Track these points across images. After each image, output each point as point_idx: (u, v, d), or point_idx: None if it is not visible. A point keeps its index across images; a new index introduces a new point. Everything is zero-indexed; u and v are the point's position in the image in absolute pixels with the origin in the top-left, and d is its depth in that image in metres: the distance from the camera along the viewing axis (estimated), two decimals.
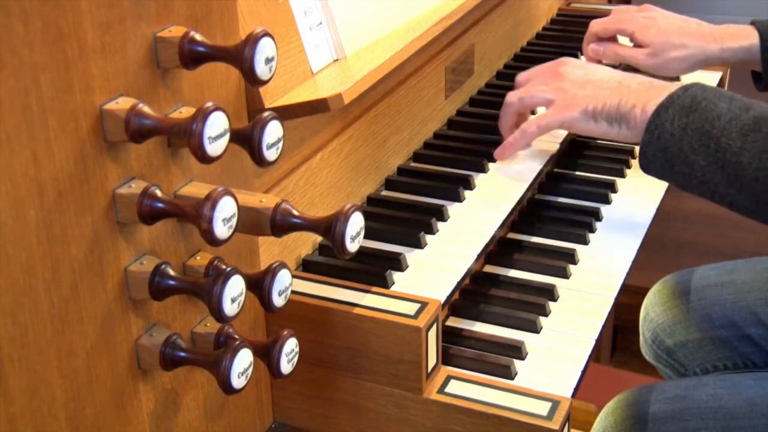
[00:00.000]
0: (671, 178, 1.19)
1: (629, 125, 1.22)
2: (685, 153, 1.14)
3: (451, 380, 1.00)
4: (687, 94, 1.17)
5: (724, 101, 1.14)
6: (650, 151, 1.17)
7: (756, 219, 1.15)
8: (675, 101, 1.17)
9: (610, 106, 1.23)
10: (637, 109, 1.20)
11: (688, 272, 1.62)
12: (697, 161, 1.13)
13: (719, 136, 1.11)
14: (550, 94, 1.30)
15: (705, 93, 1.16)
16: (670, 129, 1.15)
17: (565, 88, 1.29)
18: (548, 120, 1.28)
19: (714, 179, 1.13)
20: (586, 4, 1.98)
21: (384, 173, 1.32)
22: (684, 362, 1.55)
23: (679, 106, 1.16)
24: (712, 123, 1.12)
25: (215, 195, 0.75)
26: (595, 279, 1.22)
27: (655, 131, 1.16)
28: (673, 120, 1.15)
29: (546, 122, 1.29)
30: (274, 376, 0.85)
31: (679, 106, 1.16)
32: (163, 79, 0.81)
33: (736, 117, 1.12)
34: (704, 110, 1.14)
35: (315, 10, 1.09)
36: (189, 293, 0.80)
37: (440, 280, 1.11)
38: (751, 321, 1.49)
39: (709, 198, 1.16)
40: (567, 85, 1.29)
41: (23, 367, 0.71)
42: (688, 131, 1.14)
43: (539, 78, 1.35)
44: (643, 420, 1.28)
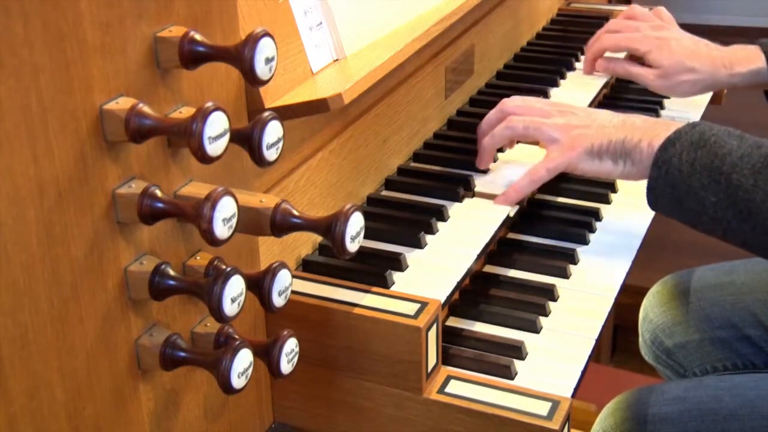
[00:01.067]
0: (681, 215, 1.15)
1: (634, 161, 1.19)
2: (694, 189, 1.11)
3: (451, 380, 1.00)
4: (695, 130, 1.14)
5: (734, 139, 1.12)
6: (658, 188, 1.15)
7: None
8: (682, 136, 1.14)
9: (615, 143, 1.20)
10: (644, 144, 1.18)
11: (687, 273, 1.62)
12: (707, 198, 1.10)
13: (730, 173, 1.09)
14: (556, 132, 1.25)
15: (713, 130, 1.14)
16: (678, 165, 1.12)
17: (570, 126, 1.25)
18: (556, 163, 1.24)
19: (726, 216, 1.10)
20: (586, 4, 1.98)
21: (384, 173, 1.32)
22: (683, 363, 1.55)
23: (687, 141, 1.13)
24: (722, 159, 1.10)
25: (215, 195, 0.75)
26: (595, 279, 1.22)
27: (662, 167, 1.14)
28: (681, 155, 1.12)
29: (554, 165, 1.25)
30: (274, 376, 0.85)
31: (687, 142, 1.13)
32: (163, 79, 0.81)
33: (748, 154, 1.09)
34: (713, 146, 1.11)
35: (315, 10, 1.09)
36: (189, 293, 0.80)
37: (440, 280, 1.11)
38: (751, 322, 1.50)
39: (721, 236, 1.13)
40: (572, 122, 1.26)
41: (23, 367, 0.71)
42: (696, 167, 1.11)
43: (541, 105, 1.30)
44: (643, 421, 1.28)
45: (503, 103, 1.32)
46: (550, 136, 1.26)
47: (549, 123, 1.26)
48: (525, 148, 1.41)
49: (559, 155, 1.24)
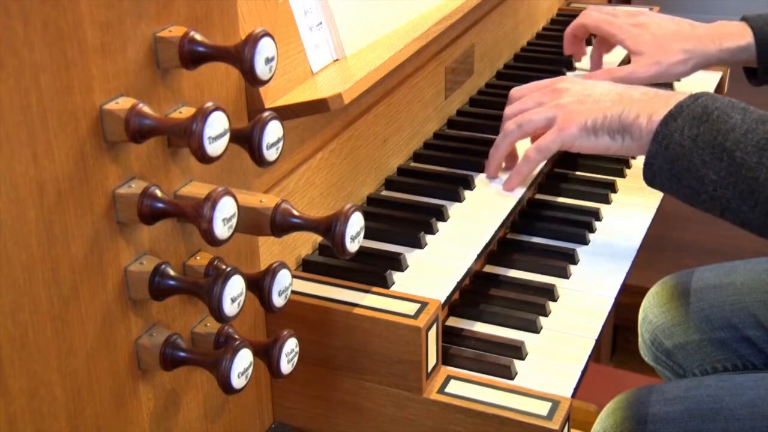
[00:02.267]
0: (678, 191, 1.13)
1: (633, 136, 1.16)
2: (695, 166, 1.08)
3: (451, 380, 1.00)
4: (697, 103, 1.11)
5: (738, 113, 1.09)
6: (657, 163, 1.12)
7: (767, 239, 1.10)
8: (684, 110, 1.11)
9: (611, 118, 1.17)
10: (642, 119, 1.15)
11: (687, 273, 1.62)
12: (708, 175, 1.07)
13: (733, 150, 1.05)
14: (549, 112, 1.23)
15: (716, 103, 1.10)
16: (679, 140, 1.09)
17: (563, 104, 1.22)
18: (546, 142, 1.22)
19: (726, 195, 1.07)
20: (586, 4, 1.98)
21: (384, 173, 1.32)
22: (683, 364, 1.55)
23: (689, 115, 1.10)
24: (725, 135, 1.07)
25: (215, 195, 0.75)
26: (595, 279, 1.22)
27: (662, 141, 1.10)
28: (683, 130, 1.09)
29: (545, 144, 1.22)
30: (274, 376, 0.85)
31: (690, 116, 1.10)
32: (163, 79, 0.81)
33: (752, 130, 1.06)
34: (716, 121, 1.08)
35: (315, 10, 1.09)
36: (189, 293, 0.80)
37: (440, 280, 1.11)
38: (750, 323, 1.49)
39: (719, 214, 1.11)
40: (565, 101, 1.23)
41: (23, 367, 0.71)
42: (698, 143, 1.08)
43: (536, 94, 1.28)
44: (643, 421, 1.28)
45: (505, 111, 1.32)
46: (546, 118, 1.23)
47: (539, 110, 1.24)
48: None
49: (551, 133, 1.22)
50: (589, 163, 1.48)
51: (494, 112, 1.50)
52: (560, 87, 1.26)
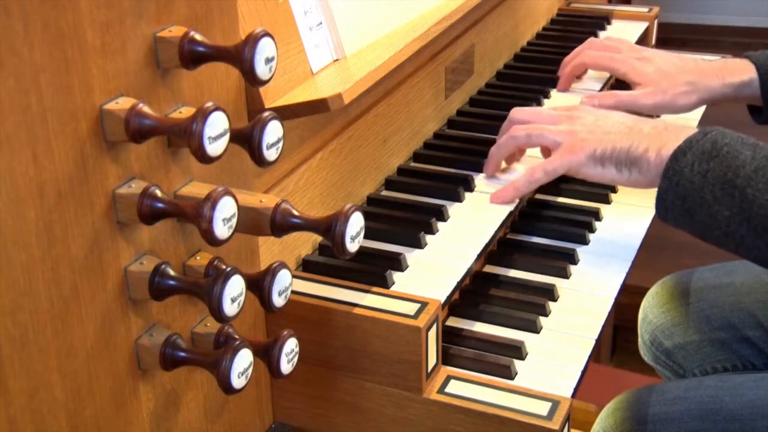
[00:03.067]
0: (691, 227, 1.12)
1: (641, 170, 1.16)
2: (707, 202, 1.07)
3: (451, 380, 1.00)
4: (707, 138, 1.10)
5: (748, 149, 1.08)
6: (668, 199, 1.11)
7: None
8: (694, 146, 1.10)
9: (619, 150, 1.17)
10: (651, 153, 1.14)
11: (686, 273, 1.62)
12: (720, 211, 1.07)
13: (744, 186, 1.05)
14: (558, 136, 1.23)
15: (726, 139, 1.10)
16: (689, 176, 1.09)
17: (574, 131, 1.22)
18: (555, 165, 1.22)
19: (740, 231, 1.06)
20: (586, 4, 1.98)
21: (384, 173, 1.32)
22: (683, 364, 1.55)
23: (698, 151, 1.09)
24: (736, 172, 1.06)
25: (215, 195, 0.75)
26: (595, 279, 1.22)
27: (673, 177, 1.10)
28: (693, 166, 1.09)
29: (553, 167, 1.22)
30: (274, 376, 0.85)
31: (699, 151, 1.09)
32: (163, 79, 0.81)
33: (763, 167, 1.06)
34: (726, 157, 1.07)
35: (315, 10, 1.09)
36: (189, 293, 0.80)
37: (440, 280, 1.11)
38: (750, 323, 1.49)
39: (734, 250, 1.10)
40: (576, 128, 1.23)
41: (23, 367, 0.71)
42: (709, 179, 1.07)
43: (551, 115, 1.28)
44: (643, 421, 1.28)
45: (512, 112, 1.31)
46: (554, 141, 1.24)
47: (552, 129, 1.24)
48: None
49: (560, 157, 1.22)
50: None
51: (494, 112, 1.50)
52: (572, 114, 1.26)
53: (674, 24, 3.92)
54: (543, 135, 1.25)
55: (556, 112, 1.28)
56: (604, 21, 1.86)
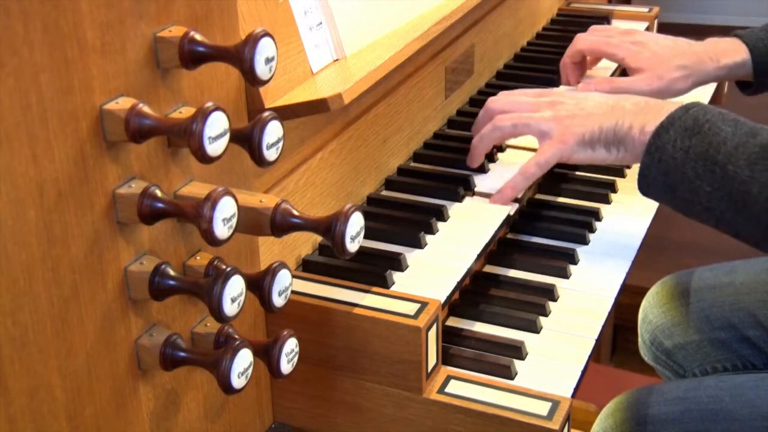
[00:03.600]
0: (673, 202, 1.14)
1: (627, 147, 1.17)
2: (688, 178, 1.09)
3: (451, 380, 1.00)
4: (689, 114, 1.12)
5: (729, 125, 1.09)
6: (650, 174, 1.13)
7: (763, 249, 1.10)
8: (676, 122, 1.12)
9: (606, 131, 1.19)
10: (635, 130, 1.16)
11: (687, 273, 1.62)
12: (701, 187, 1.08)
13: (725, 163, 1.06)
14: (544, 124, 1.23)
15: (707, 115, 1.11)
16: (671, 152, 1.10)
17: (559, 118, 1.23)
18: (546, 156, 1.22)
19: (720, 207, 1.08)
20: (586, 4, 1.98)
21: (384, 173, 1.32)
22: (683, 364, 1.55)
23: (680, 127, 1.11)
24: (717, 148, 1.07)
25: (215, 195, 0.75)
26: (595, 279, 1.22)
27: (655, 153, 1.11)
28: (675, 142, 1.10)
29: (545, 159, 1.23)
30: (274, 376, 0.85)
31: (681, 128, 1.11)
32: (163, 79, 0.81)
33: (743, 143, 1.07)
34: (707, 133, 1.09)
35: (315, 10, 1.09)
36: (189, 293, 0.80)
37: (440, 280, 1.11)
38: (750, 323, 1.49)
39: (714, 225, 1.12)
40: (561, 114, 1.23)
41: (23, 367, 0.71)
42: (691, 155, 1.09)
43: (529, 100, 1.28)
44: (643, 422, 1.28)
45: (489, 102, 1.31)
46: (540, 130, 1.24)
47: (537, 117, 1.24)
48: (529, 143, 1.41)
49: (549, 148, 1.22)
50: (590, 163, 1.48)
51: None
52: (554, 100, 1.26)
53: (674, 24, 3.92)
54: (529, 124, 1.25)
55: (534, 99, 1.28)
56: (604, 21, 1.86)
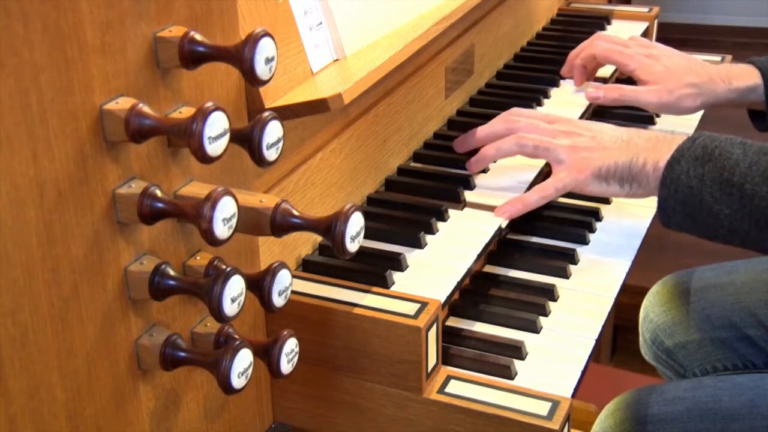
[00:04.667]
0: (696, 230, 1.17)
1: (641, 184, 1.21)
2: (707, 204, 1.12)
3: (451, 380, 1.00)
4: (696, 144, 1.15)
5: (738, 147, 1.13)
6: (669, 206, 1.16)
7: None
8: (685, 153, 1.15)
9: (621, 167, 1.22)
10: (649, 166, 1.19)
11: (688, 273, 1.62)
12: (721, 211, 1.11)
13: (742, 183, 1.09)
14: (562, 153, 1.26)
15: (715, 141, 1.14)
16: (686, 181, 1.13)
17: (576, 148, 1.26)
18: (564, 182, 1.25)
19: (743, 227, 1.11)
20: (586, 4, 1.98)
21: (384, 173, 1.32)
22: (684, 363, 1.55)
23: (691, 157, 1.14)
24: (731, 171, 1.11)
25: (215, 195, 0.75)
26: (595, 279, 1.22)
27: (671, 186, 1.15)
28: (688, 172, 1.13)
29: (563, 185, 1.26)
30: (274, 376, 0.85)
31: (692, 157, 1.14)
32: (163, 79, 0.81)
33: (756, 162, 1.10)
34: (719, 158, 1.12)
35: (315, 10, 1.09)
36: (189, 293, 0.80)
37: (440, 280, 1.11)
38: (751, 322, 1.49)
39: (740, 245, 1.14)
40: (578, 144, 1.26)
41: (23, 367, 0.71)
42: (706, 181, 1.12)
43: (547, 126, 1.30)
44: (643, 422, 1.28)
45: (511, 120, 1.32)
46: (558, 158, 1.27)
47: (556, 143, 1.27)
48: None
49: (568, 176, 1.25)
50: None
51: (494, 112, 1.50)
52: (571, 130, 1.28)
53: (674, 24, 3.91)
54: (548, 149, 1.27)
55: (552, 127, 1.29)
56: (604, 21, 1.86)
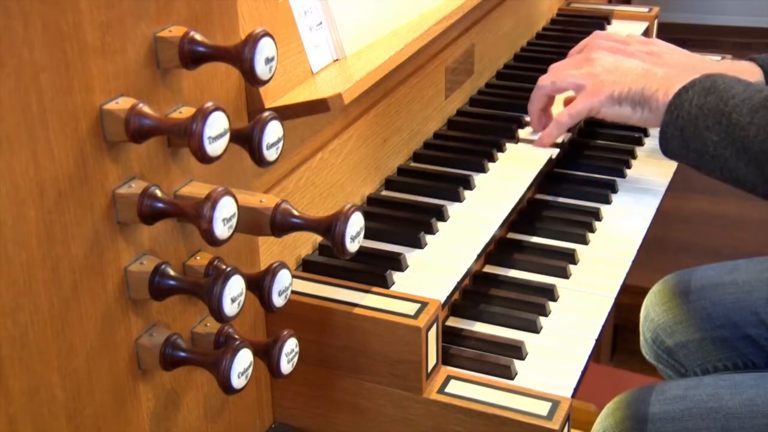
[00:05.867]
0: (687, 156, 1.24)
1: (651, 108, 1.27)
2: (700, 130, 1.20)
3: (451, 380, 1.00)
4: (709, 79, 1.23)
5: (743, 85, 1.20)
6: (669, 131, 1.23)
7: (758, 195, 1.20)
8: (696, 84, 1.22)
9: (635, 91, 1.29)
10: (660, 93, 1.26)
11: (689, 272, 1.62)
12: (710, 137, 1.19)
13: (731, 113, 1.17)
14: (580, 79, 1.35)
15: (725, 78, 1.22)
16: (688, 108, 1.21)
17: (594, 74, 1.34)
18: (578, 108, 1.34)
19: (724, 154, 1.18)
20: (586, 4, 1.98)
21: (384, 173, 1.32)
22: (684, 362, 1.55)
23: (699, 88, 1.22)
24: (726, 102, 1.18)
25: (215, 195, 0.75)
26: (595, 279, 1.22)
27: (674, 111, 1.22)
28: (692, 100, 1.21)
29: (576, 110, 1.35)
30: (274, 376, 0.85)
31: (700, 88, 1.21)
32: (163, 79, 0.81)
33: (749, 97, 1.17)
34: (721, 91, 1.19)
35: (315, 10, 1.09)
36: (189, 293, 0.80)
37: (440, 280, 1.11)
38: (752, 321, 1.49)
39: (719, 174, 1.21)
40: (596, 70, 1.35)
41: (23, 367, 0.71)
42: (704, 110, 1.19)
43: (570, 61, 1.41)
44: (643, 420, 1.28)
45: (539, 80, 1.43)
46: (576, 84, 1.36)
47: (573, 73, 1.36)
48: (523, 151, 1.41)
49: (582, 100, 1.33)
50: (589, 163, 1.48)
51: (494, 112, 1.50)
52: (593, 57, 1.38)
53: (674, 24, 3.91)
54: (565, 80, 1.38)
55: (575, 57, 1.42)
56: (604, 21, 1.86)
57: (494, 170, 1.35)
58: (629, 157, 1.50)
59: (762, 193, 1.19)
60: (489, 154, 1.37)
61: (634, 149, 1.52)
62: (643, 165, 1.49)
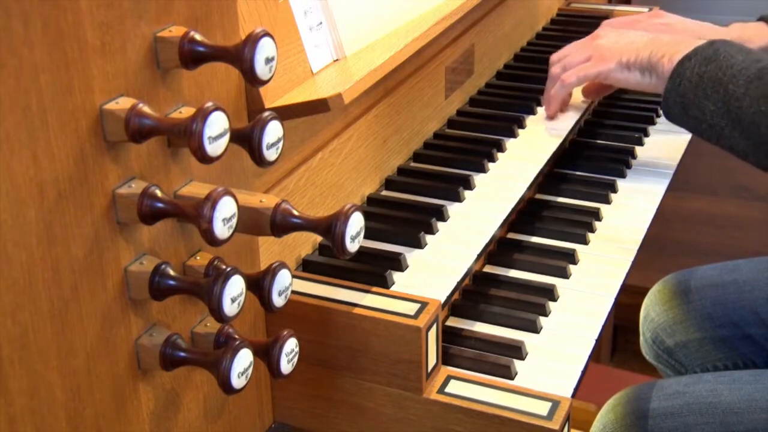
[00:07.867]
0: (686, 122, 1.27)
1: (657, 74, 1.30)
2: (698, 98, 1.22)
3: (451, 380, 1.00)
4: (712, 47, 1.25)
5: (743, 54, 1.22)
6: (671, 98, 1.26)
7: (752, 162, 1.22)
8: (699, 53, 1.25)
9: (642, 57, 1.33)
10: (665, 59, 1.29)
11: (689, 272, 1.62)
12: (707, 106, 1.21)
13: (728, 83, 1.19)
14: (587, 51, 1.40)
15: (728, 47, 1.24)
16: (689, 76, 1.24)
17: (600, 44, 1.40)
18: (586, 71, 1.38)
19: (720, 123, 1.21)
20: (586, 4, 1.98)
21: (384, 173, 1.32)
22: (684, 362, 1.55)
23: (702, 56, 1.24)
24: (724, 71, 1.21)
25: (215, 195, 0.75)
26: (595, 279, 1.22)
27: (677, 78, 1.25)
28: (694, 68, 1.24)
29: (584, 73, 1.38)
30: (274, 376, 0.85)
31: (702, 57, 1.24)
32: (163, 79, 0.81)
33: (746, 67, 1.20)
34: (722, 61, 1.22)
35: (315, 10, 1.09)
36: (189, 293, 0.80)
37: (440, 280, 1.11)
38: (753, 321, 1.49)
39: (715, 141, 1.24)
40: (602, 42, 1.40)
41: (23, 367, 0.71)
42: (704, 79, 1.22)
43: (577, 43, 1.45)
44: (644, 416, 1.28)
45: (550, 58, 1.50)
46: (584, 57, 1.41)
47: (577, 53, 1.41)
48: (524, 145, 1.41)
49: (592, 65, 1.38)
50: (590, 163, 1.48)
51: (494, 112, 1.50)
52: (597, 33, 1.45)
53: None
54: (572, 61, 1.41)
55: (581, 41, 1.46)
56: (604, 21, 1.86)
57: (494, 170, 1.35)
58: (629, 157, 1.50)
59: (754, 162, 1.21)
60: (489, 154, 1.37)
61: (634, 149, 1.52)
62: (643, 165, 1.49)
